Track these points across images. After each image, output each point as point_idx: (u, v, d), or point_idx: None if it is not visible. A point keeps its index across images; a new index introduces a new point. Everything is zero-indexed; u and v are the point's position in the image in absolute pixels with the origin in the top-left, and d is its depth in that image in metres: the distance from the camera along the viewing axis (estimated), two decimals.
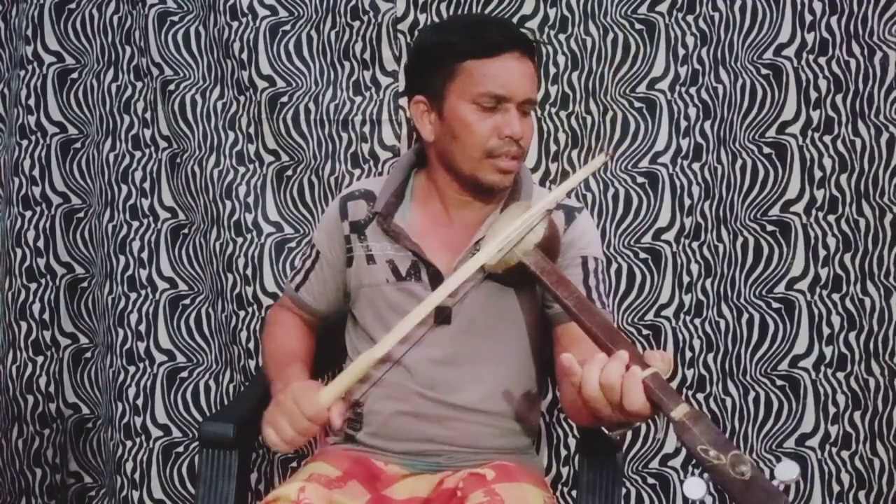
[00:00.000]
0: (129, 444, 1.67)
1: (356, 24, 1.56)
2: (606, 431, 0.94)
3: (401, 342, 1.12)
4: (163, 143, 1.64)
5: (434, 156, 1.18)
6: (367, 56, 1.57)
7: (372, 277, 1.18)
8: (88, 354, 1.75)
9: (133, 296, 1.66)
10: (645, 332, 1.54)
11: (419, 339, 1.12)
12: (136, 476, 1.67)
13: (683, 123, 1.52)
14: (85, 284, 1.74)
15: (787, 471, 0.78)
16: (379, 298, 1.17)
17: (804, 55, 1.48)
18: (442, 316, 1.13)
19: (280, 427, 1.01)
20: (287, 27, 1.58)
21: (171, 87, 1.60)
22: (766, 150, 1.51)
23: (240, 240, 1.58)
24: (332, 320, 1.30)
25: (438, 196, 1.19)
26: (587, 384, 0.87)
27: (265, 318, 1.37)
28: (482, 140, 1.11)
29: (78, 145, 1.71)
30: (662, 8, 1.51)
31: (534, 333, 1.18)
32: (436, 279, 1.14)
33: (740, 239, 1.53)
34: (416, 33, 1.52)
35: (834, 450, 1.54)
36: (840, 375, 1.53)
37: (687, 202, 1.52)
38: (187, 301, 1.67)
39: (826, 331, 1.53)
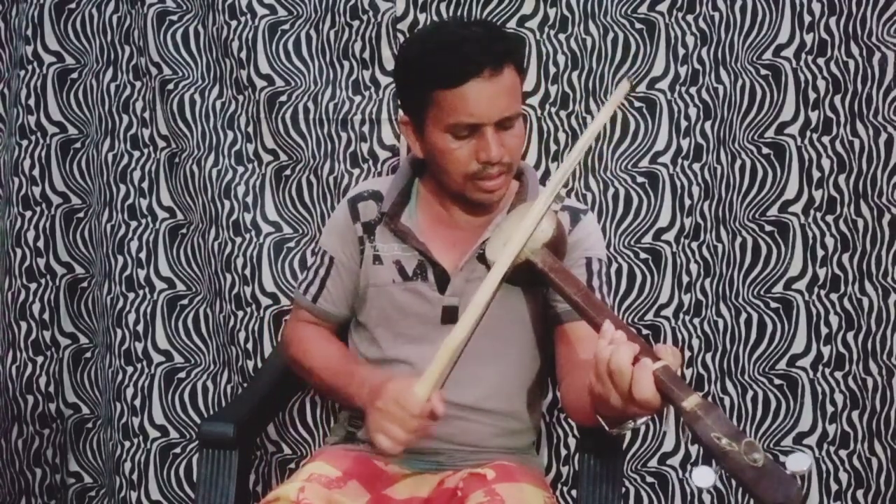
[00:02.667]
0: (127, 444, 1.66)
1: (355, 23, 1.55)
2: (607, 429, 0.93)
3: (411, 342, 1.12)
4: (161, 143, 1.64)
5: (429, 168, 1.19)
6: (366, 55, 1.56)
7: (378, 278, 1.18)
8: (88, 354, 1.75)
9: (131, 296, 1.66)
10: (644, 331, 1.54)
11: (424, 338, 1.11)
12: (134, 477, 1.67)
13: (684, 123, 1.52)
14: (85, 284, 1.73)
15: (798, 461, 0.78)
16: (385, 298, 1.17)
17: (803, 56, 1.48)
18: (449, 315, 1.14)
19: (391, 433, 0.97)
20: (286, 26, 1.57)
21: (170, 86, 1.60)
22: (765, 150, 1.51)
23: (238, 240, 1.58)
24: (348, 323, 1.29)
25: (441, 200, 1.20)
26: (600, 355, 0.88)
27: (285, 338, 1.31)
28: (462, 166, 1.09)
29: (78, 145, 1.71)
30: (662, 8, 1.51)
31: (537, 333, 1.19)
32: (442, 279, 1.15)
33: (739, 239, 1.54)
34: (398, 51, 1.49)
35: (832, 449, 1.54)
36: (838, 375, 1.53)
37: (687, 202, 1.52)
38: (185, 301, 1.67)
39: (824, 330, 1.53)
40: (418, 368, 1.14)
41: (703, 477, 0.82)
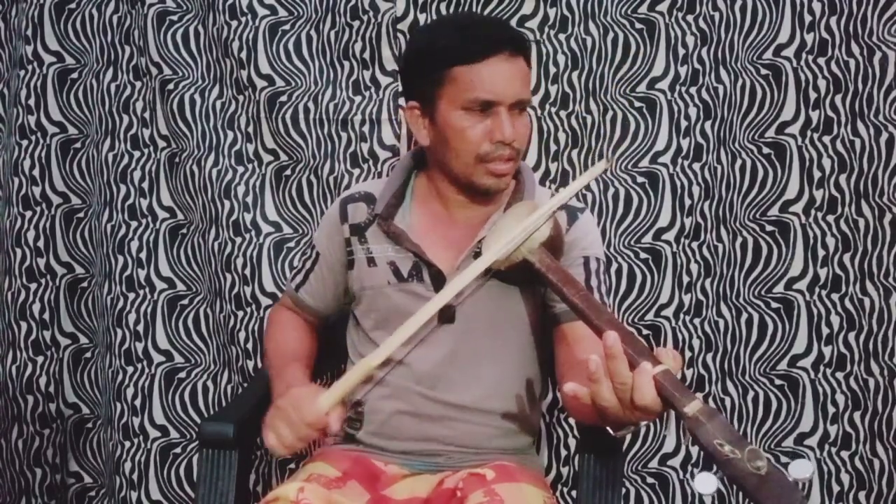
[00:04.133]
0: (127, 444, 1.66)
1: (356, 23, 1.56)
2: (611, 431, 0.93)
3: (408, 343, 1.12)
4: (161, 143, 1.64)
5: (431, 159, 1.19)
6: (366, 56, 1.56)
7: (373, 279, 1.18)
8: (88, 354, 1.75)
9: (131, 296, 1.66)
10: (645, 332, 1.54)
11: (423, 339, 1.12)
12: (135, 477, 1.67)
13: (683, 123, 1.52)
14: (85, 284, 1.73)
15: (801, 468, 0.78)
16: (381, 300, 1.17)
17: (803, 55, 1.48)
18: (446, 315, 1.14)
19: (280, 432, 1.02)
20: (286, 26, 1.58)
21: (170, 86, 1.60)
22: (766, 150, 1.51)
23: (238, 240, 1.58)
24: (332, 320, 1.31)
25: (439, 197, 1.20)
26: (600, 390, 0.87)
27: (266, 318, 1.36)
28: (474, 146, 1.10)
29: (78, 145, 1.71)
30: (662, 8, 1.51)
31: (535, 333, 1.18)
32: (437, 279, 1.14)
33: (739, 239, 1.53)
34: (409, 36, 1.52)
35: (833, 450, 1.54)
36: (839, 375, 1.53)
37: (687, 202, 1.52)
38: (185, 301, 1.67)
39: (825, 331, 1.53)
40: (416, 369, 1.14)
41: (706, 483, 0.82)
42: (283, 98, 1.56)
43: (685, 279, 1.54)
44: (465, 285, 1.08)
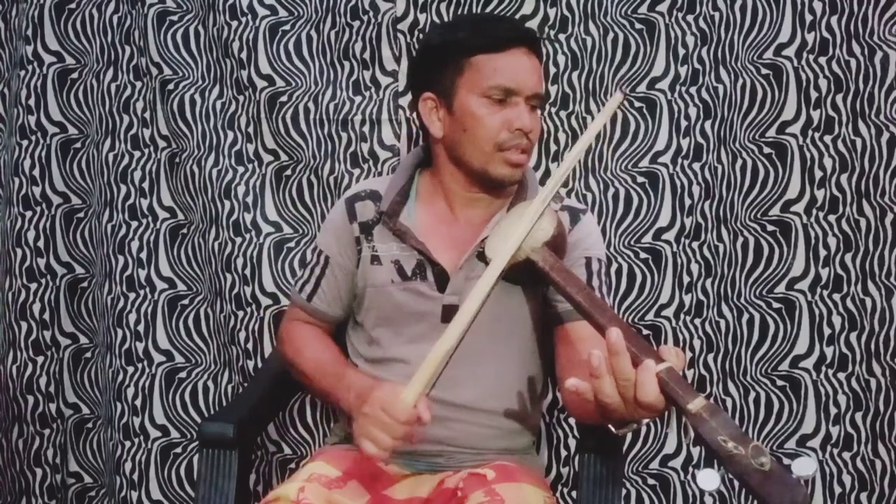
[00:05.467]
0: (127, 444, 1.66)
1: (356, 23, 1.56)
2: (612, 430, 0.93)
3: (411, 341, 1.12)
4: (162, 143, 1.64)
5: (443, 152, 1.18)
6: (366, 56, 1.56)
7: (376, 278, 1.18)
8: (88, 354, 1.75)
9: (132, 296, 1.66)
10: (645, 332, 1.54)
11: (424, 337, 1.11)
12: (135, 476, 1.67)
13: (683, 123, 1.52)
14: (85, 284, 1.74)
15: (804, 466, 0.78)
16: (383, 299, 1.17)
17: (804, 55, 1.48)
18: (449, 314, 1.13)
19: (377, 438, 0.98)
20: (287, 27, 1.58)
21: (171, 86, 1.60)
22: (767, 149, 1.51)
23: (238, 240, 1.58)
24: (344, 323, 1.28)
25: (444, 195, 1.19)
26: (603, 385, 0.86)
27: (280, 337, 1.30)
28: (492, 133, 1.11)
29: (78, 145, 1.71)
30: (662, 8, 1.51)
31: (536, 333, 1.18)
32: (441, 279, 1.14)
33: (740, 239, 1.53)
34: (423, 32, 1.53)
35: (835, 451, 1.53)
36: (841, 376, 1.53)
37: (687, 202, 1.52)
38: (186, 301, 1.67)
39: (827, 331, 1.52)
40: (414, 367, 1.14)
41: (708, 480, 0.82)
42: (284, 98, 1.56)
43: (686, 279, 1.53)
44: (501, 271, 1.04)
